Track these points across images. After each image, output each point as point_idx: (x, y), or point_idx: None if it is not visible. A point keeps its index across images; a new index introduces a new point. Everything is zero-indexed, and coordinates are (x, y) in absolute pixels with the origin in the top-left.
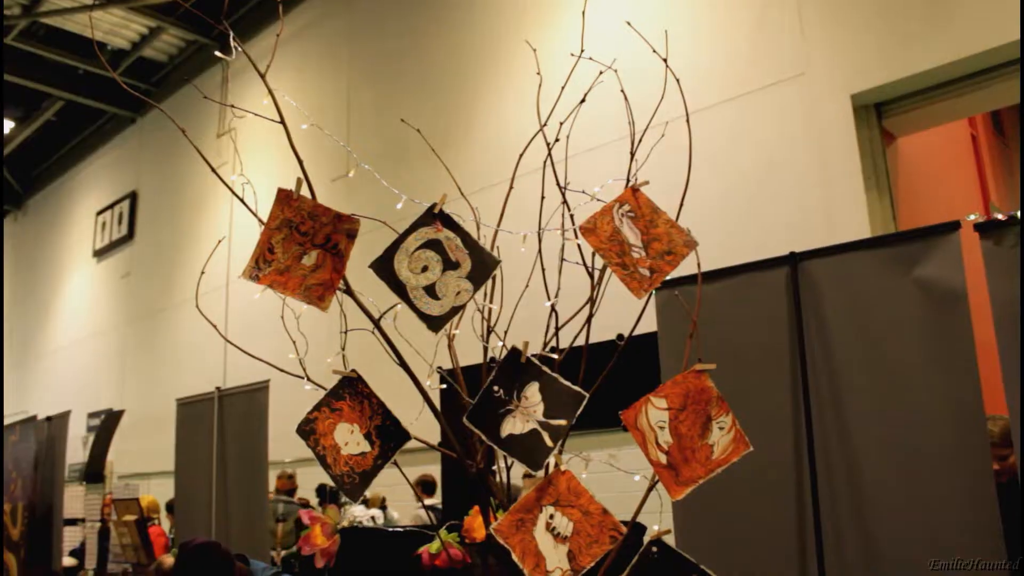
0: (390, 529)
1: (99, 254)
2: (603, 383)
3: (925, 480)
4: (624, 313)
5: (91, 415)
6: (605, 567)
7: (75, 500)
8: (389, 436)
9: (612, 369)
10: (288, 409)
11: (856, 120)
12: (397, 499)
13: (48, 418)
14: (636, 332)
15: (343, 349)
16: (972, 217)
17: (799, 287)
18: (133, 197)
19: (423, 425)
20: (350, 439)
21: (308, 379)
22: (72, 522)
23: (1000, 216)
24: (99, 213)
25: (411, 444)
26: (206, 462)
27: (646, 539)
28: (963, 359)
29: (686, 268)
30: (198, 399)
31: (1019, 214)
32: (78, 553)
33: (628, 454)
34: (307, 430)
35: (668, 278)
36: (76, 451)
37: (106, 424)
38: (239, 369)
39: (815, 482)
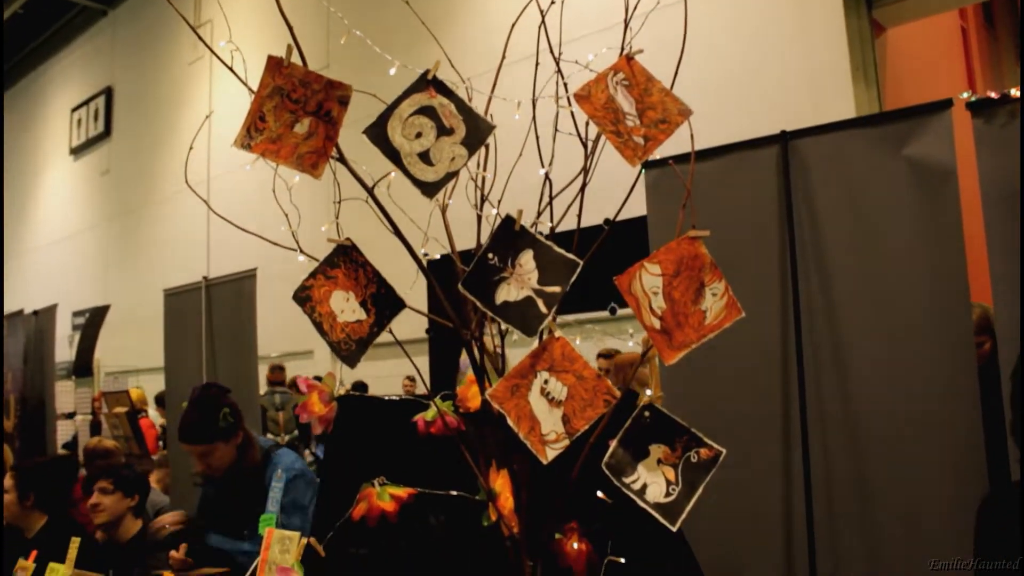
0: (386, 398)
1: (76, 152)
2: (593, 268)
3: (909, 356)
4: (616, 196)
5: (76, 314)
6: (599, 431)
7: (65, 395)
8: (384, 304)
9: (602, 255)
10: (274, 304)
11: (845, 9)
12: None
13: (35, 312)
14: (625, 216)
15: (337, 218)
16: (964, 95)
17: (789, 166)
18: (108, 93)
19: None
20: (346, 307)
21: (300, 251)
22: (64, 416)
23: (992, 94)
24: (74, 110)
25: (404, 336)
26: (195, 354)
27: (639, 404)
28: (951, 238)
29: (676, 148)
30: (185, 289)
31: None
32: (71, 446)
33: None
34: (303, 297)
35: (658, 157)
36: (63, 350)
37: (92, 319)
38: (225, 261)
39: (801, 358)
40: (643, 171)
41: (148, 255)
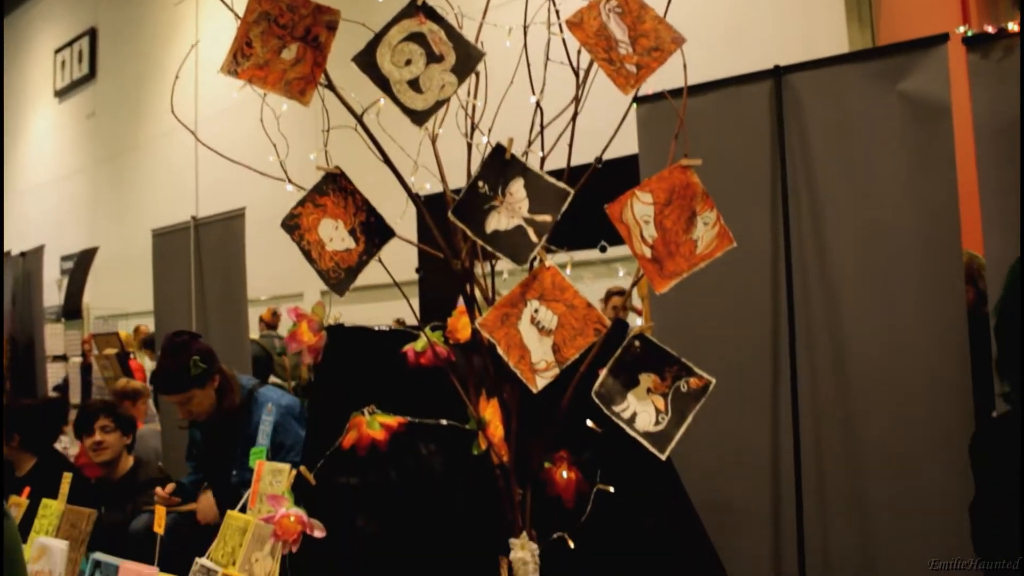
0: (376, 328)
1: (60, 94)
2: (583, 207)
3: (898, 289)
4: (607, 136)
5: (64, 258)
6: (589, 360)
7: (55, 338)
8: (373, 232)
9: (593, 194)
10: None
11: None
12: None
13: (22, 253)
14: (616, 154)
15: (325, 146)
16: (961, 30)
17: (782, 101)
18: (92, 34)
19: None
20: (334, 235)
21: (289, 180)
22: (54, 359)
23: (989, 29)
24: (57, 51)
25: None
26: (184, 296)
27: (629, 334)
28: (944, 173)
29: (668, 83)
30: (174, 229)
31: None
32: (62, 388)
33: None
34: (291, 225)
35: (650, 93)
36: (51, 295)
37: (80, 262)
38: (213, 204)
39: (791, 290)
40: (634, 105)
41: (136, 198)
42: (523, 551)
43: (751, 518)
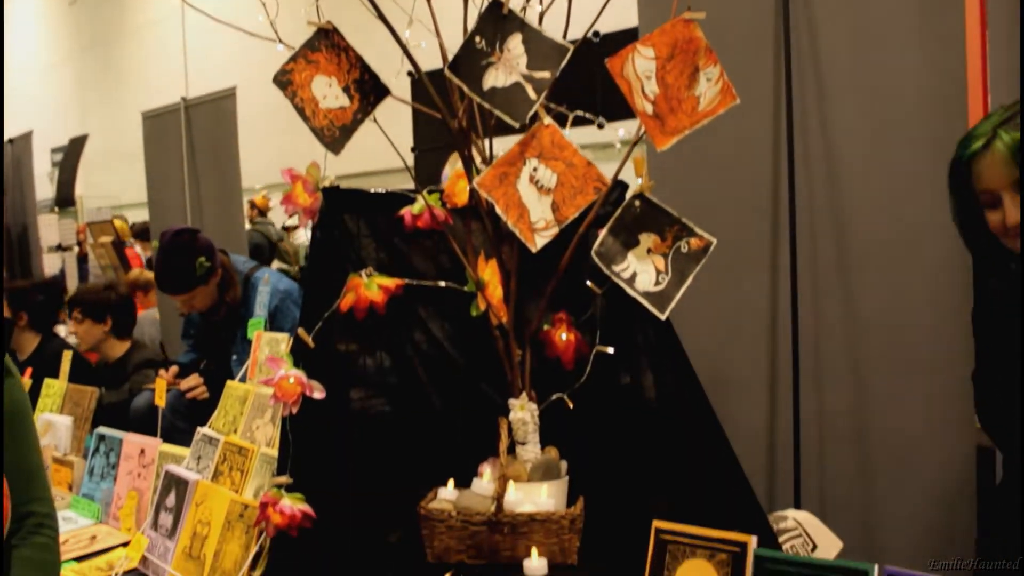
0: (372, 191)
1: None
2: (581, 84)
3: (902, 162)
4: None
5: (54, 150)
6: (589, 220)
7: (49, 229)
8: (368, 90)
9: (591, 70)
10: (256, 134)
11: None
12: None
13: (10, 140)
14: (615, 28)
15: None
16: None
17: None
18: None
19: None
20: (328, 92)
21: (280, 41)
22: (50, 250)
23: None
24: None
25: (387, 164)
26: (178, 183)
27: (629, 194)
28: (952, 30)
29: None
30: (164, 111)
31: None
32: (59, 279)
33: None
34: (283, 81)
35: None
36: (44, 187)
37: (71, 150)
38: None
39: (792, 153)
40: None
41: (124, 86)
42: (522, 411)
43: (746, 385)
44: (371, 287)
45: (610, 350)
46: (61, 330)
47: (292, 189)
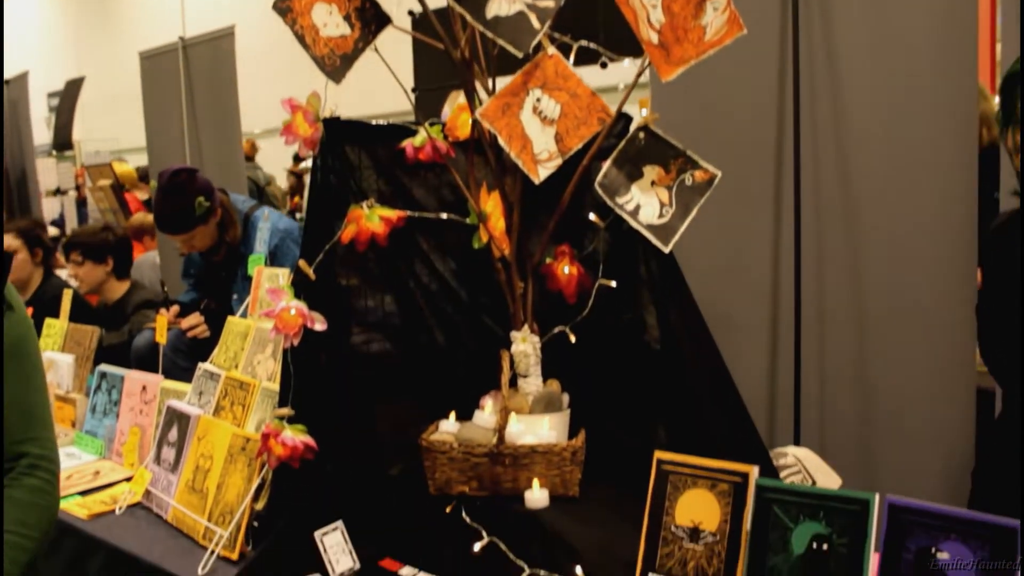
0: (374, 123)
1: None
2: (582, 22)
3: (910, 108)
4: None
5: (51, 95)
6: (592, 152)
7: (48, 173)
8: (369, 19)
9: (593, 4)
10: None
11: None
12: None
13: (6, 81)
14: None
15: None
16: None
17: None
18: None
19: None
20: (328, 20)
21: None
22: (50, 194)
23: None
24: None
25: (387, 109)
26: (177, 126)
27: (633, 127)
28: None
29: None
30: (161, 51)
31: None
32: (59, 223)
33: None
34: (283, 8)
35: None
36: (41, 132)
37: (67, 93)
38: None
39: (797, 85)
40: None
41: (120, 27)
42: (524, 344)
43: (748, 329)
44: (372, 218)
45: (612, 284)
46: (61, 274)
47: (292, 119)
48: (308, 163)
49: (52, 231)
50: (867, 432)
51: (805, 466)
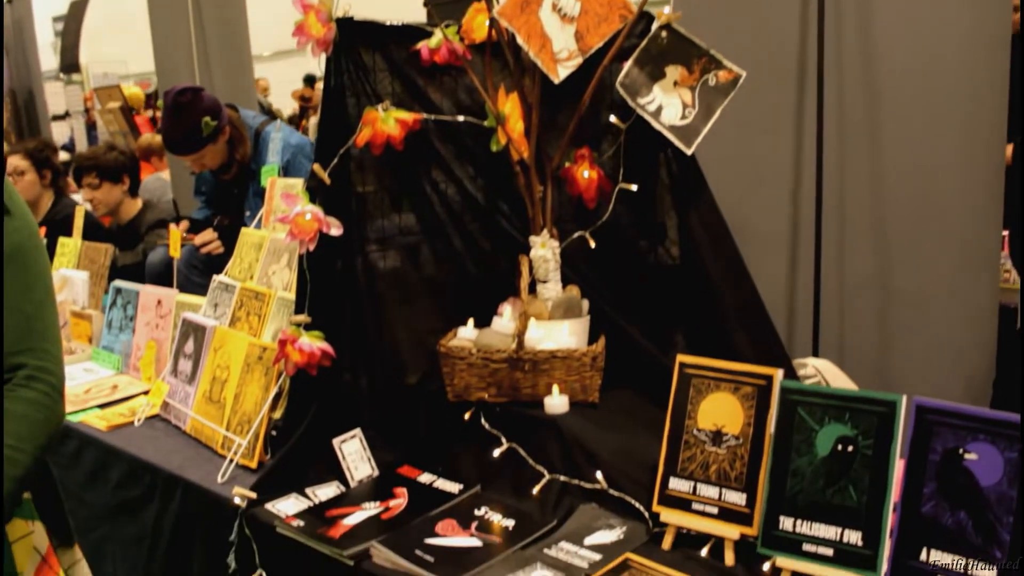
0: (388, 23)
1: None
2: None
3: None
4: None
5: (56, 19)
6: (613, 52)
7: (56, 97)
8: None
9: None
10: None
11: None
12: None
13: (9, 0)
14: None
15: None
16: None
17: None
18: None
19: None
20: None
21: None
22: (57, 118)
23: None
24: None
25: None
26: (185, 44)
27: (655, 26)
28: None
29: None
30: None
31: None
32: (69, 147)
33: None
34: None
35: None
36: (47, 57)
37: (72, 14)
38: None
39: None
40: None
41: None
42: (543, 249)
43: (767, 238)
44: (388, 121)
45: (633, 188)
46: (76, 199)
47: (304, 19)
48: (319, 87)
49: (63, 156)
50: (887, 345)
51: (824, 376)
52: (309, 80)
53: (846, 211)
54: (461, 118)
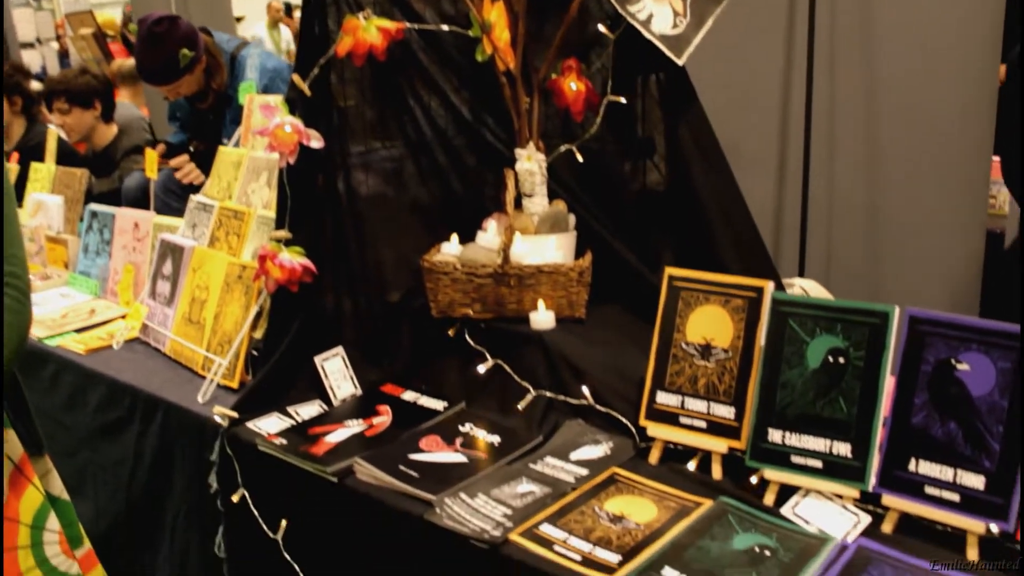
0: None
1: None
2: None
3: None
4: None
5: None
6: None
7: (26, 23)
8: None
9: None
10: None
11: None
12: None
13: None
14: None
15: None
16: None
17: None
18: None
19: None
20: None
21: None
22: (27, 46)
23: None
24: None
25: None
26: None
27: None
28: None
29: None
30: None
31: None
32: (41, 76)
33: None
34: None
35: None
36: None
37: None
38: None
39: None
40: None
41: None
42: (530, 162)
43: (756, 162)
44: (370, 30)
45: (622, 100)
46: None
47: None
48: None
49: (36, 85)
50: (872, 265)
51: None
52: (288, 8)
53: (835, 133)
54: (445, 27)
